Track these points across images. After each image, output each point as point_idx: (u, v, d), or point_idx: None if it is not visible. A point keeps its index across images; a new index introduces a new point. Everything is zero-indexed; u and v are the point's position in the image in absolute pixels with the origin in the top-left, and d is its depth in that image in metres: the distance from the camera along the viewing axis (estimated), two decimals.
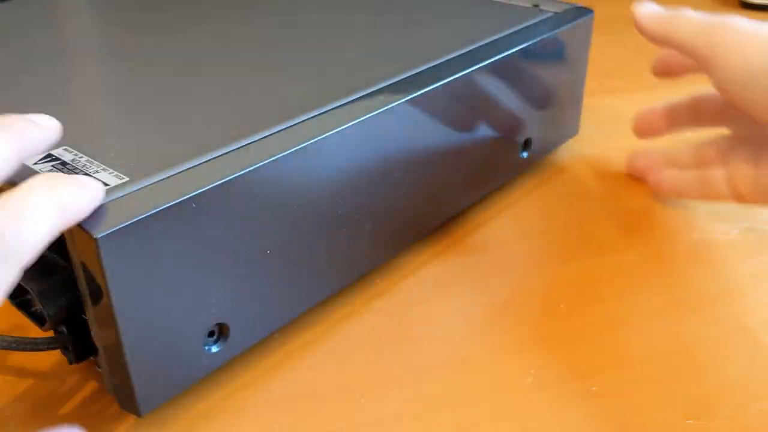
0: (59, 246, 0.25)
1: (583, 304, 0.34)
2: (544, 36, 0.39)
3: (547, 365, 0.31)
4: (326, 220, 0.30)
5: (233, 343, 0.29)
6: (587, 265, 0.37)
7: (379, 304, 0.35)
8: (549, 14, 0.42)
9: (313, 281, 0.31)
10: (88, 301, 0.25)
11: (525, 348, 0.32)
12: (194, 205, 0.25)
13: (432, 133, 0.34)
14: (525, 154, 0.42)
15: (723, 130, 0.40)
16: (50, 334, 0.27)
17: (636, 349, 0.32)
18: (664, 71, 0.41)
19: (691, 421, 0.28)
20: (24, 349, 0.27)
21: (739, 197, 0.37)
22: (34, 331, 0.27)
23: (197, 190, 0.25)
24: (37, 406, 0.30)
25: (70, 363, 0.28)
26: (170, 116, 0.31)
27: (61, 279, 0.26)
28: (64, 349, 0.28)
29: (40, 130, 0.24)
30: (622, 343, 0.32)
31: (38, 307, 0.26)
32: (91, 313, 0.26)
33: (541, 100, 0.42)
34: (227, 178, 0.26)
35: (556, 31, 0.40)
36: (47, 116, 0.25)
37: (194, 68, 0.36)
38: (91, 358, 0.28)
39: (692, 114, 0.41)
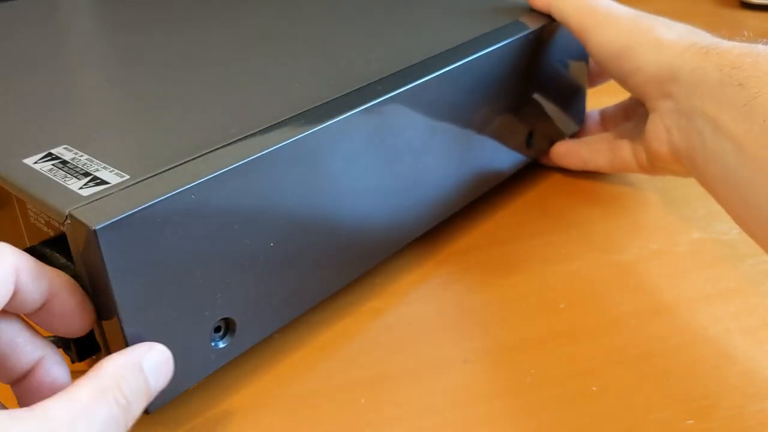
0: (62, 245, 0.25)
1: (583, 304, 0.34)
2: (544, 25, 0.40)
3: (547, 365, 0.31)
4: (329, 213, 0.30)
5: (240, 339, 0.29)
6: (587, 265, 0.37)
7: (379, 304, 0.35)
8: None
9: (320, 276, 0.31)
10: (91, 297, 0.25)
11: (525, 348, 0.32)
12: (193, 196, 0.25)
13: (433, 125, 0.34)
14: (529, 146, 0.42)
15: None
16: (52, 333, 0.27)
17: (636, 349, 0.32)
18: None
19: (691, 421, 0.28)
20: None
21: (642, 167, 0.40)
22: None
23: (195, 181, 0.25)
24: None
25: (73, 362, 0.28)
26: (170, 114, 0.31)
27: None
28: (67, 349, 0.28)
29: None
30: (622, 343, 0.32)
31: None
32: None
33: (543, 91, 0.42)
34: (225, 169, 0.26)
35: (556, 21, 0.40)
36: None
37: (194, 66, 0.36)
38: (94, 357, 0.28)
39: (623, 113, 0.46)
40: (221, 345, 0.28)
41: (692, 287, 0.35)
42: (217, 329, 0.28)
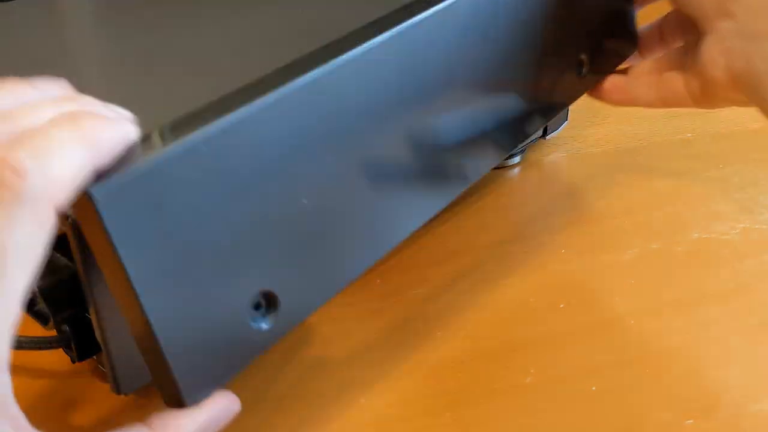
0: (61, 244, 0.25)
1: (583, 304, 0.34)
2: None
3: (547, 365, 0.31)
4: (366, 160, 0.27)
5: (285, 316, 0.25)
6: (587, 265, 0.37)
7: (378, 305, 0.35)
8: None
9: (365, 236, 0.27)
10: (93, 294, 0.24)
11: (525, 348, 0.32)
12: (204, 149, 0.22)
13: (478, 50, 0.31)
14: (581, 75, 0.38)
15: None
16: (53, 333, 0.28)
17: (636, 349, 0.32)
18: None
19: (691, 421, 0.28)
20: (26, 348, 0.27)
21: (695, 99, 0.37)
22: (37, 330, 0.27)
23: (205, 128, 0.22)
24: (39, 406, 0.30)
25: (73, 362, 0.28)
26: (173, 90, 0.29)
27: (65, 277, 0.26)
28: (67, 348, 0.28)
29: (113, 127, 0.20)
30: (622, 343, 0.32)
31: (41, 305, 0.26)
32: (99, 309, 0.25)
33: (588, 11, 0.38)
34: (240, 112, 0.22)
35: None
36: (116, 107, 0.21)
37: (197, 24, 0.34)
38: (94, 357, 0.28)
39: (659, 35, 0.42)
40: (264, 325, 0.24)
41: (692, 287, 0.35)
42: (257, 307, 0.24)
